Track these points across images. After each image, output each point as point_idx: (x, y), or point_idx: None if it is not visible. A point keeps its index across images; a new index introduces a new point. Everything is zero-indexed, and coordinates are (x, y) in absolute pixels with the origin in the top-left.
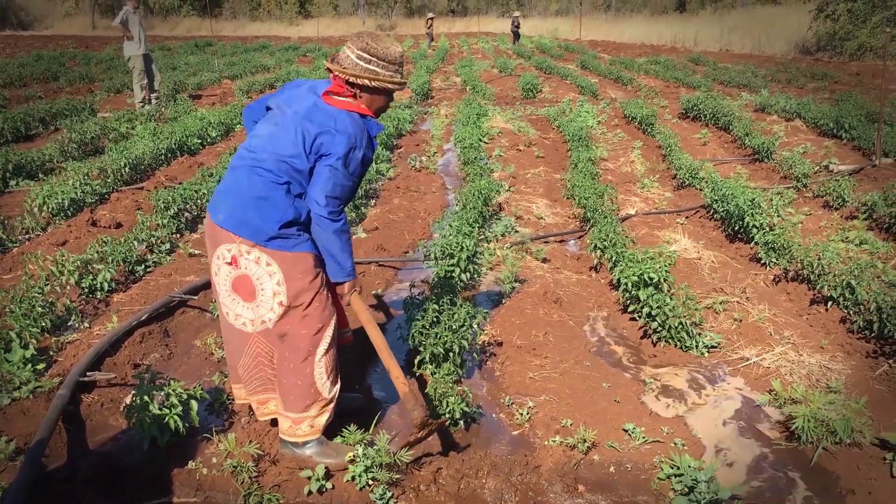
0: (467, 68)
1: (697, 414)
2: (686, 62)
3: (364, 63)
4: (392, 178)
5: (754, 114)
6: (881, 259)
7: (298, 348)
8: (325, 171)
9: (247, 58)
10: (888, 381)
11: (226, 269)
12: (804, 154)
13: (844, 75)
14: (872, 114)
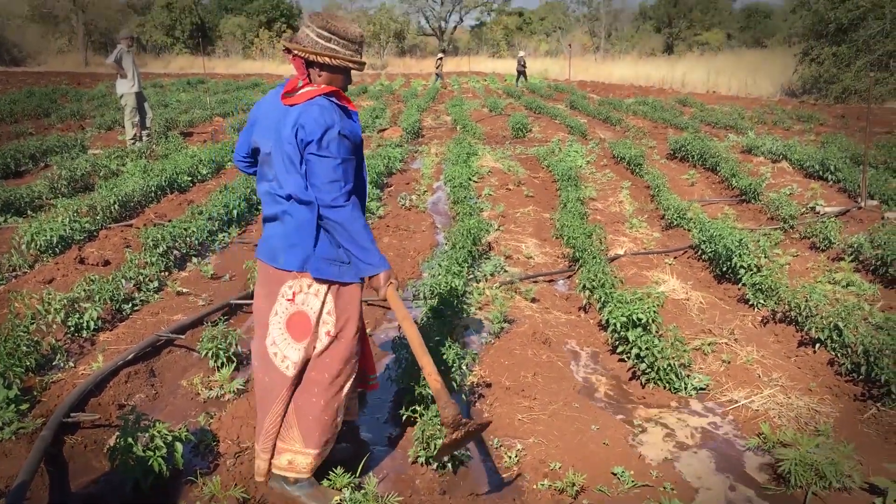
0: (458, 107)
1: (687, 457)
2: (674, 103)
3: (324, 41)
4: (382, 217)
5: (741, 155)
6: (868, 301)
7: (333, 383)
8: (311, 159)
9: (239, 95)
10: (876, 425)
11: (284, 306)
12: (791, 195)
13: (829, 118)
14: (857, 156)
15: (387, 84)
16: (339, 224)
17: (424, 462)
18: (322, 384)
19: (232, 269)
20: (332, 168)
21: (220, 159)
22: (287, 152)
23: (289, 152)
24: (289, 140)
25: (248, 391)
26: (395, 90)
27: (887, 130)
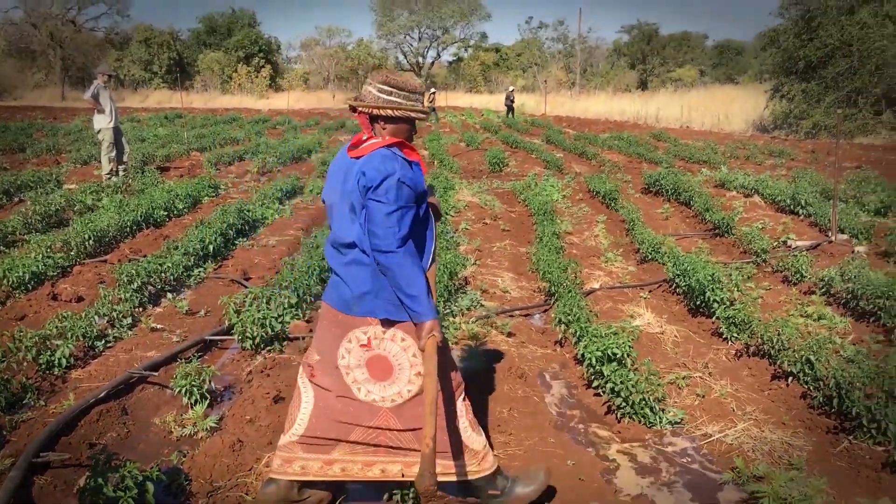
0: (435, 142)
1: (662, 492)
2: (648, 138)
3: (385, 95)
4: None
5: (714, 189)
6: (839, 334)
7: (442, 414)
8: (369, 204)
9: (216, 130)
10: (848, 458)
11: (359, 351)
12: (763, 229)
13: (800, 153)
14: (827, 191)
15: None
16: (389, 269)
17: (401, 500)
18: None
19: (207, 304)
20: (387, 214)
21: (196, 194)
22: (351, 201)
23: (352, 201)
24: (352, 189)
25: (221, 429)
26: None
27: (857, 165)
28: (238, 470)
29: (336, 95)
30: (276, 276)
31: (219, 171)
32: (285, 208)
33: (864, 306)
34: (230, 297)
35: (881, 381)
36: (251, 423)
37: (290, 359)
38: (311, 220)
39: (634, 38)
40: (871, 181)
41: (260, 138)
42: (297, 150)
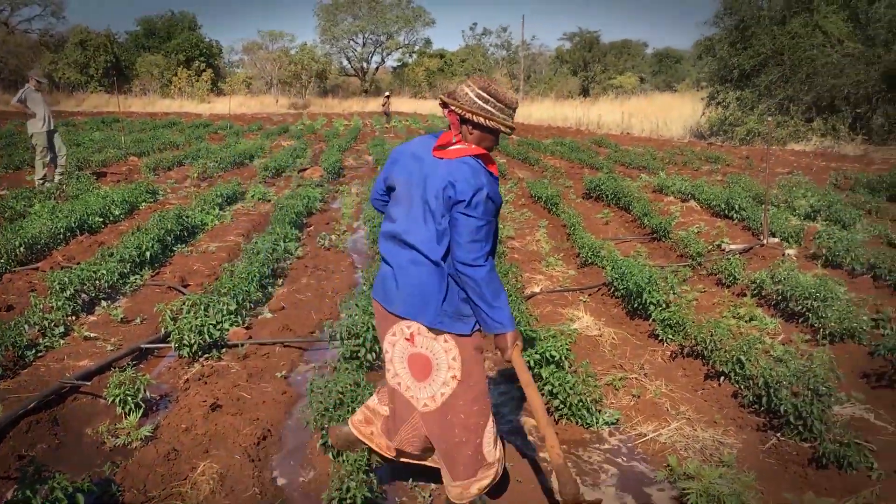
0: (379, 147)
1: (597, 491)
2: (590, 144)
3: (482, 102)
4: (301, 258)
5: (653, 194)
6: (769, 335)
7: (468, 423)
8: (458, 217)
9: (155, 134)
10: (777, 454)
11: (402, 344)
12: (698, 233)
13: (735, 159)
14: (760, 195)
15: (308, 124)
16: (476, 282)
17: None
18: (460, 425)
19: (144, 312)
20: (477, 228)
21: (133, 200)
22: (429, 204)
23: (431, 205)
24: (436, 194)
25: (156, 438)
26: (316, 130)
27: (788, 171)
28: (173, 479)
29: (279, 100)
30: (215, 283)
31: (157, 177)
32: (226, 214)
33: (794, 307)
34: (167, 304)
35: (807, 379)
36: (187, 431)
37: (229, 366)
38: (252, 226)
39: (576, 45)
40: (802, 186)
41: (201, 143)
42: (239, 156)
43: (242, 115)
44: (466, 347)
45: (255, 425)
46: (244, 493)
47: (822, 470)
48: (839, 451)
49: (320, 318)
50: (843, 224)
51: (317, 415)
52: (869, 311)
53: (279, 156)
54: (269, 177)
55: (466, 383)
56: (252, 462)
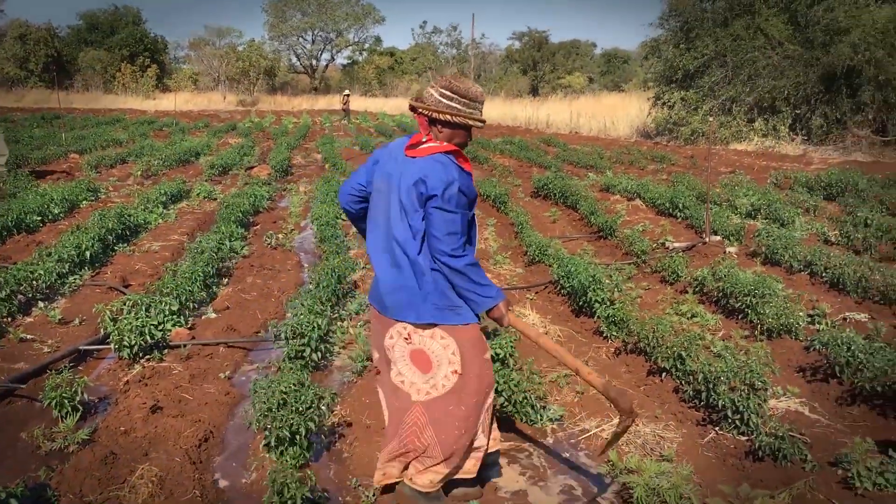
0: (328, 145)
1: (540, 487)
2: (539, 143)
3: (446, 100)
4: (246, 257)
5: (600, 193)
6: (710, 331)
7: (470, 414)
8: (432, 213)
9: (98, 132)
10: (715, 448)
11: (402, 343)
12: (643, 232)
13: (680, 158)
14: (703, 195)
15: (257, 121)
16: (459, 271)
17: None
18: (460, 416)
19: (83, 312)
20: (451, 220)
21: (74, 198)
22: (402, 201)
23: (404, 202)
24: (407, 191)
25: (94, 441)
26: (265, 127)
27: (731, 170)
28: (110, 483)
29: (227, 97)
30: (158, 283)
31: (99, 175)
32: (170, 213)
33: (734, 304)
34: (106, 304)
35: (744, 375)
36: (126, 434)
37: (171, 367)
38: (197, 225)
39: (526, 44)
40: (743, 185)
41: (145, 140)
42: (185, 153)
43: (189, 112)
44: (464, 340)
45: (197, 427)
46: (184, 496)
47: (759, 462)
48: (774, 443)
49: (266, 318)
50: (782, 222)
51: (259, 415)
52: (805, 307)
53: (226, 154)
54: (216, 175)
55: (467, 376)
56: (193, 464)
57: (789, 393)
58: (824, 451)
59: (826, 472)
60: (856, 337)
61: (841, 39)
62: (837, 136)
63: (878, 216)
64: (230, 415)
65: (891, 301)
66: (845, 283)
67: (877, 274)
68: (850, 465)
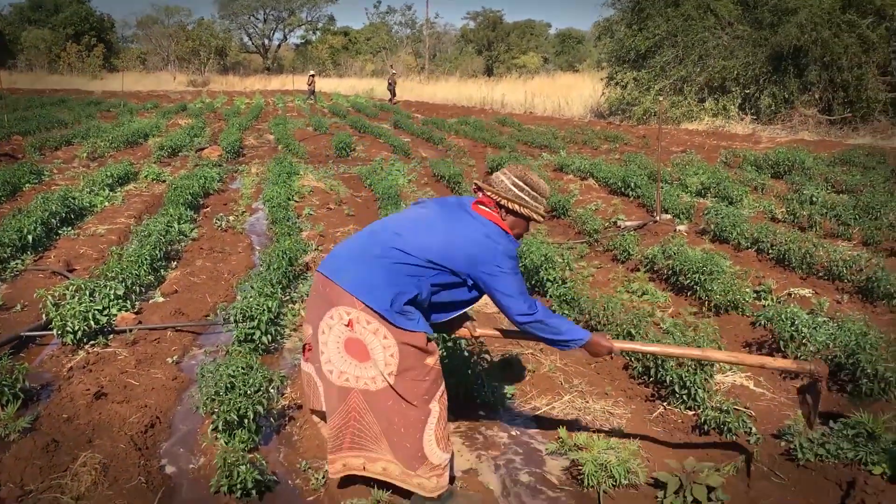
0: (281, 126)
1: (490, 465)
2: (494, 123)
3: (517, 189)
4: (196, 239)
5: (553, 173)
6: (660, 308)
7: (407, 414)
8: (501, 281)
9: (42, 113)
10: (663, 423)
11: (340, 328)
12: (596, 211)
13: (633, 138)
14: (655, 173)
15: (208, 102)
16: (540, 325)
17: (227, 491)
18: (396, 416)
19: (25, 298)
20: (518, 281)
21: (15, 181)
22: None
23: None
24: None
25: (35, 429)
26: (216, 108)
27: (683, 150)
28: (52, 471)
29: (177, 77)
30: (103, 267)
31: (43, 157)
32: (117, 195)
33: (683, 281)
34: (48, 289)
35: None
36: (69, 421)
37: (116, 353)
38: (145, 208)
39: (480, 24)
40: (694, 164)
41: (91, 122)
42: (133, 135)
43: (137, 93)
44: (406, 346)
45: (143, 413)
46: (129, 482)
47: (705, 436)
48: (720, 417)
49: (216, 302)
50: (731, 201)
51: (206, 399)
52: (752, 284)
53: (176, 135)
54: (165, 157)
55: (403, 378)
56: (138, 450)
57: (735, 368)
58: (769, 424)
59: (770, 444)
60: (800, 312)
61: (788, 20)
62: (785, 116)
63: (823, 194)
64: (178, 400)
65: (834, 276)
66: (791, 259)
67: (821, 250)
68: (793, 437)
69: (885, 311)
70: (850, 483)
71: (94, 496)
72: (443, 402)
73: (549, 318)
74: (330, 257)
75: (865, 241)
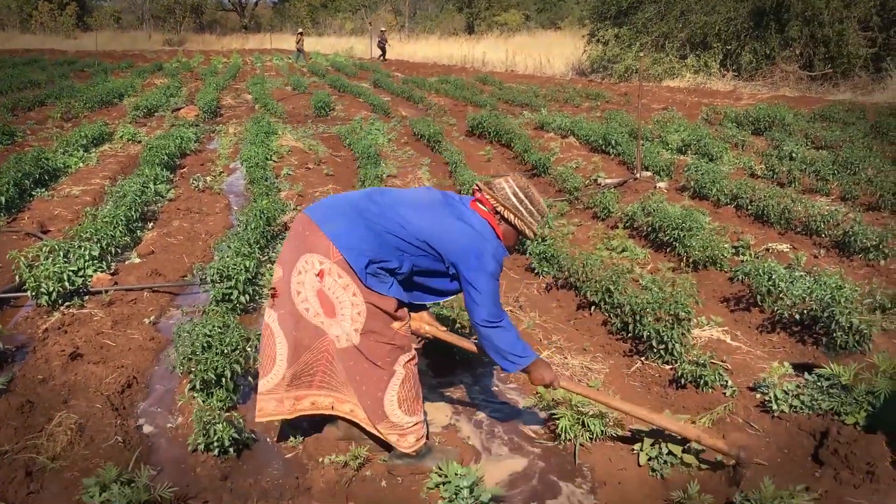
0: (259, 86)
1: (470, 421)
2: (474, 81)
3: (516, 200)
4: (173, 200)
5: (534, 131)
6: (640, 265)
7: (370, 373)
8: (480, 280)
9: (14, 73)
10: (641, 377)
11: (312, 277)
12: (576, 169)
13: (614, 95)
14: (635, 131)
15: (184, 61)
16: (500, 334)
17: (205, 449)
18: (358, 374)
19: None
20: (494, 289)
21: None
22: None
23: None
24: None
25: (10, 391)
26: (193, 67)
27: (664, 107)
28: (27, 432)
29: (152, 36)
30: (77, 228)
31: (16, 118)
32: (91, 156)
33: (662, 238)
34: (20, 251)
35: (669, 306)
36: (44, 382)
37: (92, 314)
38: (120, 168)
39: None
40: (675, 121)
41: (65, 81)
42: (107, 95)
43: (112, 53)
44: (374, 307)
45: (120, 373)
46: (105, 442)
47: (681, 389)
48: (696, 371)
49: (193, 262)
50: (711, 157)
51: (183, 359)
52: (731, 239)
53: (151, 95)
54: (140, 117)
55: (368, 338)
56: (115, 410)
57: (713, 322)
58: (745, 377)
59: (745, 396)
60: (777, 266)
61: None
62: (766, 72)
63: (802, 150)
64: (155, 360)
65: (812, 231)
66: (769, 215)
67: (799, 206)
68: (768, 388)
69: (861, 265)
70: (824, 433)
71: (71, 456)
72: (409, 367)
73: (510, 330)
74: (320, 204)
75: (843, 195)
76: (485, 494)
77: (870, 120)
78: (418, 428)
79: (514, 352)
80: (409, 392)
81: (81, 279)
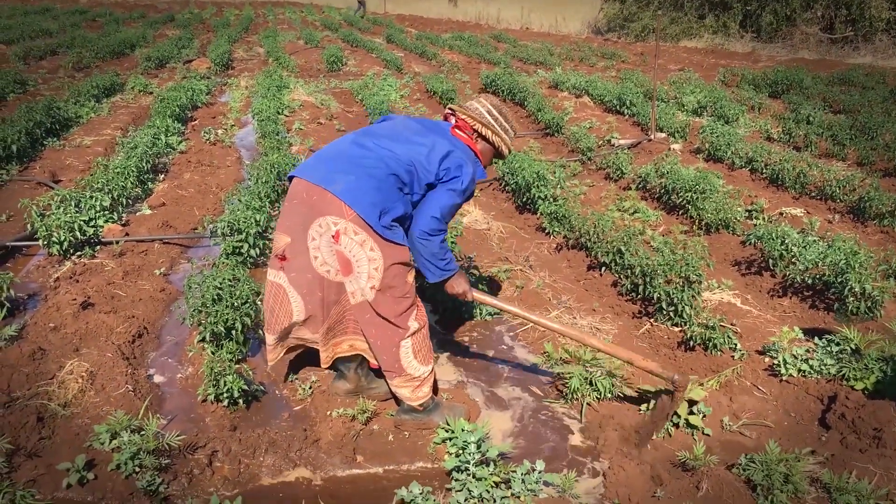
0: (271, 39)
1: (477, 379)
2: (489, 39)
3: (491, 118)
4: (184, 152)
5: (548, 90)
6: (651, 226)
7: (385, 328)
8: (446, 194)
9: (26, 21)
10: (649, 338)
11: (328, 239)
12: (590, 129)
13: (630, 55)
14: (651, 91)
15: (196, 12)
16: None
17: (214, 399)
18: (374, 328)
19: (9, 209)
20: (453, 205)
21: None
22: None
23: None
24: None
25: (22, 338)
26: (205, 19)
27: (680, 67)
28: (39, 379)
29: None
30: (88, 178)
31: (28, 67)
32: (103, 107)
33: (675, 200)
34: (33, 200)
35: (680, 268)
36: (55, 330)
37: (103, 264)
38: (132, 119)
39: None
40: (691, 83)
41: (76, 31)
42: (119, 45)
43: (124, 2)
44: (391, 259)
45: (130, 323)
46: (116, 390)
47: (690, 352)
48: (705, 333)
49: (203, 215)
50: (727, 120)
51: (193, 311)
52: (744, 203)
53: (163, 46)
54: (152, 68)
55: (384, 294)
56: (126, 360)
57: (723, 286)
58: (754, 341)
59: (754, 360)
60: (790, 231)
61: None
62: (786, 34)
63: (820, 114)
64: (166, 311)
65: (827, 196)
66: (784, 178)
67: (815, 170)
68: (777, 352)
69: (875, 231)
70: (832, 398)
71: (82, 403)
72: (420, 318)
73: (445, 245)
74: (312, 165)
75: (860, 161)
76: (492, 450)
77: (889, 85)
78: (431, 377)
79: (443, 260)
80: (423, 342)
81: (92, 229)
